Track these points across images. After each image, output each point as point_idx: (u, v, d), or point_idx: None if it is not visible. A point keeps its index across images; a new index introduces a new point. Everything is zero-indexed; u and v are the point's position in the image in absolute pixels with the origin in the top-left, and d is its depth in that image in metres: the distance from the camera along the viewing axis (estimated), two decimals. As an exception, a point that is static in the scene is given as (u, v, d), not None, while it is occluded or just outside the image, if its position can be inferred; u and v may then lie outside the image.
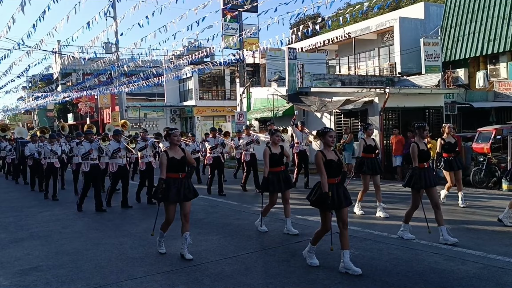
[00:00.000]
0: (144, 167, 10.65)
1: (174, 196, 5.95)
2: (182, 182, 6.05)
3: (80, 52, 16.84)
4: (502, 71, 21.74)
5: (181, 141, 10.72)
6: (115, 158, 10.07)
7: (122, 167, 10.17)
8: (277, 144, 7.21)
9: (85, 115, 38.60)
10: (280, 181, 7.14)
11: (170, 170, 6.00)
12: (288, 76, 18.22)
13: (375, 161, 8.60)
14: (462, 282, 4.75)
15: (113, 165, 10.13)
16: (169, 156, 6.04)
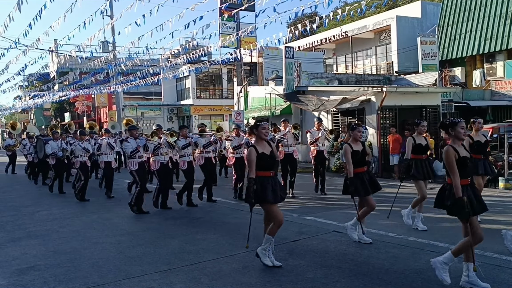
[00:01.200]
0: (185, 166, 9.80)
1: (272, 196, 5.33)
2: (275, 180, 5.46)
3: (77, 51, 16.79)
4: (498, 70, 21.80)
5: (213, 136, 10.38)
6: (157, 155, 9.44)
7: (164, 165, 9.52)
8: (358, 141, 6.32)
9: (82, 114, 38.51)
10: (365, 182, 6.25)
11: (261, 167, 5.31)
12: (285, 75, 18.23)
13: (426, 162, 7.31)
14: (459, 280, 4.76)
15: (155, 162, 9.44)
16: (259, 151, 5.33)
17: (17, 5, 10.49)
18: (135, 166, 9.32)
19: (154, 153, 9.35)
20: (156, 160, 9.41)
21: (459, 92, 19.89)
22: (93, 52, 18.33)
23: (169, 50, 23.13)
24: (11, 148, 19.91)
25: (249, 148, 5.42)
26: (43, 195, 12.89)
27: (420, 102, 15.57)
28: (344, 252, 5.95)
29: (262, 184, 5.27)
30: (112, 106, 32.79)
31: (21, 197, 12.67)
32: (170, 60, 21.64)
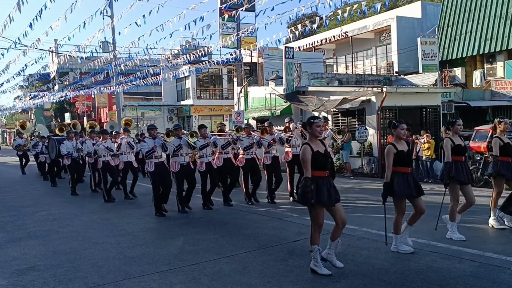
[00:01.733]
0: (203, 167, 9.32)
1: (327, 198, 5.02)
2: (329, 181, 5.14)
3: (77, 51, 16.79)
4: (499, 70, 21.80)
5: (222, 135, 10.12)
6: (176, 156, 8.94)
7: (184, 166, 8.99)
8: (401, 140, 5.87)
9: (82, 114, 38.54)
10: (410, 184, 5.74)
11: (315, 167, 5.02)
12: (285, 75, 18.23)
13: (465, 165, 6.63)
14: (459, 280, 4.77)
15: (175, 164, 8.95)
16: (313, 150, 5.05)
17: (17, 5, 10.49)
18: (151, 167, 8.88)
19: (173, 154, 8.90)
20: (175, 162, 8.94)
21: (459, 92, 19.88)
22: (93, 52, 18.32)
23: (169, 51, 23.13)
24: (21, 148, 19.61)
25: (303, 146, 5.11)
26: (43, 195, 12.90)
27: (420, 102, 15.57)
28: (344, 252, 5.94)
29: (318, 184, 4.98)
30: (113, 106, 32.82)
31: (21, 198, 12.67)
32: (170, 60, 21.65)
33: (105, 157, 11.16)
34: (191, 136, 8.97)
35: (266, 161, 10.03)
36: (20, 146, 19.67)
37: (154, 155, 8.89)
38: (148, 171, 8.95)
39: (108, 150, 11.13)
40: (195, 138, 8.97)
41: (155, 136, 9.03)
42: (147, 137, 9.15)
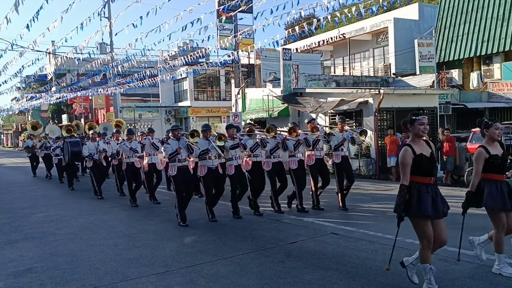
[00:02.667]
0: (232, 170, 8.54)
1: (432, 210, 4.31)
2: (435, 190, 4.44)
3: (74, 53, 16.78)
4: (496, 72, 21.87)
5: None
6: (204, 160, 8.20)
7: (213, 170, 8.22)
8: (495, 141, 5.02)
9: (79, 115, 38.49)
10: (504, 194, 4.91)
11: (418, 172, 4.38)
12: (283, 76, 18.25)
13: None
14: (456, 282, 4.77)
15: (202, 167, 8.21)
16: (416, 152, 4.38)
17: (14, 6, 10.47)
18: (174, 171, 8.14)
19: (200, 157, 8.14)
20: (203, 165, 8.21)
21: (457, 94, 19.94)
22: (90, 53, 18.32)
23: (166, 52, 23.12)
24: (30, 149, 19.05)
25: (404, 147, 4.44)
26: (40, 197, 12.87)
27: (418, 104, 15.60)
28: (342, 254, 5.94)
29: (419, 192, 4.34)
30: (110, 107, 32.76)
31: (18, 199, 12.64)
32: (168, 62, 21.65)
33: (130, 158, 10.62)
34: (219, 139, 8.06)
35: (292, 165, 9.06)
36: (29, 148, 19.12)
37: (178, 158, 8.13)
38: (170, 175, 8.24)
39: (132, 151, 10.55)
40: (223, 141, 8.10)
41: (179, 137, 8.27)
42: (171, 139, 8.41)
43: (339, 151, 9.27)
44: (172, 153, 8.12)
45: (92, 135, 12.61)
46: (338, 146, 9.22)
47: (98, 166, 12.18)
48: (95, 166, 12.15)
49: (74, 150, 13.53)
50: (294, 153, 9.02)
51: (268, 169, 8.96)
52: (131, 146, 10.57)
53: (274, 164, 8.99)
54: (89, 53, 18.20)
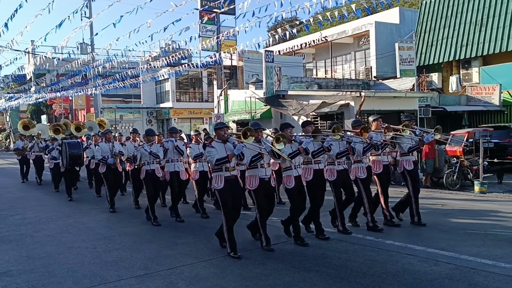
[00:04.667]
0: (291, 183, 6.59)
1: None
2: None
3: (53, 52, 16.52)
4: (474, 76, 22.27)
5: None
6: (255, 168, 6.33)
7: (266, 182, 6.38)
8: None
9: (59, 116, 37.93)
10: None
11: None
12: (265, 78, 18.26)
13: None
14: (434, 283, 4.83)
15: (252, 178, 6.34)
16: None
17: (-8, 5, 10.26)
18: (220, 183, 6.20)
19: (252, 164, 6.29)
20: (253, 175, 6.34)
21: (436, 97, 20.21)
22: (70, 53, 18.05)
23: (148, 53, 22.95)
24: (21, 152, 16.91)
25: None
26: (18, 199, 12.61)
27: (398, 106, 15.77)
28: (322, 255, 5.96)
29: None
30: (90, 108, 32.38)
31: (-5, 201, 12.36)
32: (150, 63, 21.48)
33: (150, 165, 8.60)
34: (277, 141, 6.04)
35: (359, 174, 7.42)
36: (19, 150, 16.92)
37: (226, 166, 6.19)
38: (216, 188, 6.24)
39: (153, 156, 8.61)
40: (281, 144, 6.02)
41: (226, 138, 6.32)
42: (216, 141, 6.38)
43: (409, 156, 7.80)
44: (221, 160, 6.11)
45: (107, 135, 10.66)
46: (413, 149, 7.78)
47: (112, 172, 10.33)
48: (109, 172, 10.30)
49: (73, 152, 11.64)
50: (361, 159, 7.46)
51: (333, 179, 7.16)
52: (151, 150, 8.61)
53: (339, 172, 7.19)
54: (68, 53, 17.92)
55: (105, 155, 10.29)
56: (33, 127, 17.99)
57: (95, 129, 16.70)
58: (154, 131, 9.26)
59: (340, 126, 7.22)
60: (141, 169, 8.71)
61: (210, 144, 6.41)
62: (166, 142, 9.05)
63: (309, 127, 7.07)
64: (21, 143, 17.23)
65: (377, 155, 7.66)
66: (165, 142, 9.07)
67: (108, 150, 10.35)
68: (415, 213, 7.67)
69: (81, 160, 12.11)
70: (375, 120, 7.96)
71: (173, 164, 9.22)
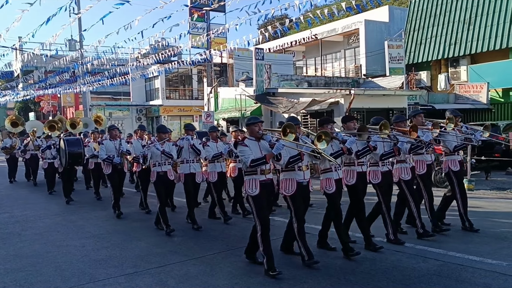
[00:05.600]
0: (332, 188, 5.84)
1: None
2: None
3: (41, 49, 16.33)
4: (462, 74, 22.45)
5: None
6: (292, 171, 5.46)
7: (304, 187, 5.55)
8: None
9: (47, 114, 37.60)
10: None
11: None
12: (255, 76, 18.26)
13: None
14: (423, 279, 4.86)
15: (289, 182, 5.47)
16: None
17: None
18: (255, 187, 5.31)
19: (289, 166, 5.42)
20: (289, 179, 5.46)
21: (425, 95, 20.36)
22: (58, 50, 17.84)
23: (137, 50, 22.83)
24: (9, 150, 15.73)
25: None
26: (4, 198, 12.48)
27: (387, 104, 15.87)
28: (312, 253, 5.97)
29: None
30: (79, 106, 32.14)
31: (-19, 199, 12.21)
32: (139, 60, 21.36)
33: (162, 166, 7.62)
34: (319, 139, 5.20)
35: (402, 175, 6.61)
36: (7, 149, 15.67)
37: (261, 168, 5.34)
38: (250, 194, 5.33)
39: (166, 155, 7.63)
40: (324, 142, 5.23)
41: (260, 135, 5.42)
42: (249, 138, 5.46)
43: (455, 155, 7.12)
44: (257, 160, 5.21)
45: (112, 132, 9.54)
46: (459, 148, 7.07)
47: (118, 173, 9.38)
48: (115, 173, 9.29)
49: (73, 151, 10.49)
50: (405, 158, 6.66)
51: (377, 182, 6.33)
52: (164, 149, 7.61)
53: (383, 174, 6.37)
54: (56, 49, 17.70)
55: (110, 154, 9.17)
56: (21, 124, 16.76)
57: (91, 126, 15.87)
58: (166, 127, 8.22)
59: (388, 123, 6.26)
60: (151, 171, 7.65)
61: (243, 142, 5.41)
62: (181, 140, 8.08)
63: (352, 123, 6.24)
64: (9, 141, 16.03)
65: (421, 153, 6.86)
66: (179, 140, 8.12)
67: (113, 148, 9.27)
68: (466, 218, 6.97)
69: (81, 158, 10.85)
70: (415, 115, 7.05)
71: (188, 165, 8.05)
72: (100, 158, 9.50)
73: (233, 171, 8.83)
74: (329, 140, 5.31)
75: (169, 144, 7.79)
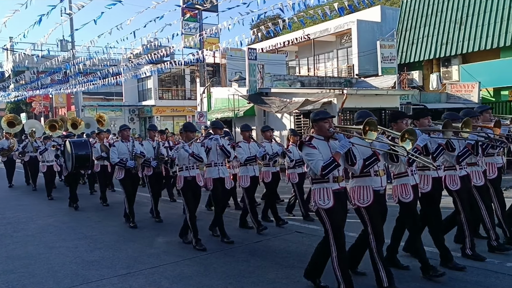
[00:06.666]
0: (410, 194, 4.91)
1: None
2: None
3: (33, 49, 16.22)
4: (454, 74, 22.58)
5: None
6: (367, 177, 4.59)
7: (381, 196, 4.71)
8: None
9: (39, 114, 37.36)
10: None
11: None
12: (248, 76, 18.25)
13: None
14: (416, 278, 4.89)
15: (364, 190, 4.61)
16: None
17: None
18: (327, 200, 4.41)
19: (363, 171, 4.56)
20: (364, 186, 4.57)
21: (417, 94, 20.45)
22: (50, 50, 17.74)
23: (130, 50, 22.73)
24: (6, 152, 14.59)
25: None
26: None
27: (380, 104, 15.93)
28: (305, 252, 5.98)
29: None
30: (71, 106, 31.97)
31: (-27, 201, 12.11)
32: (132, 60, 21.28)
33: (190, 170, 6.62)
34: (402, 139, 4.38)
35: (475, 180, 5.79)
36: (4, 151, 14.56)
37: (334, 175, 4.40)
38: (322, 207, 4.39)
39: (195, 158, 6.62)
40: (408, 142, 4.37)
41: (331, 134, 4.53)
42: (317, 137, 4.51)
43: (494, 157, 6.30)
44: (328, 165, 4.29)
45: (124, 132, 8.55)
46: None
47: (131, 178, 8.37)
48: (128, 178, 8.29)
49: (80, 153, 9.60)
50: (476, 161, 5.78)
51: (456, 188, 5.46)
52: (192, 151, 6.58)
53: (461, 178, 5.52)
54: (48, 49, 17.60)
55: (123, 157, 8.20)
56: (18, 123, 15.95)
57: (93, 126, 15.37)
58: (194, 125, 7.39)
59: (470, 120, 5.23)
60: (178, 176, 6.75)
61: (310, 143, 4.43)
62: (209, 140, 7.03)
63: (425, 119, 5.31)
64: (5, 142, 14.85)
65: (492, 155, 6.05)
66: (207, 140, 7.09)
67: (126, 150, 8.26)
68: None
69: (89, 162, 9.91)
70: (482, 111, 6.16)
71: (216, 169, 7.00)
72: (112, 162, 8.52)
73: (266, 176, 7.89)
74: (413, 139, 4.41)
75: (197, 145, 6.84)
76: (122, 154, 8.22)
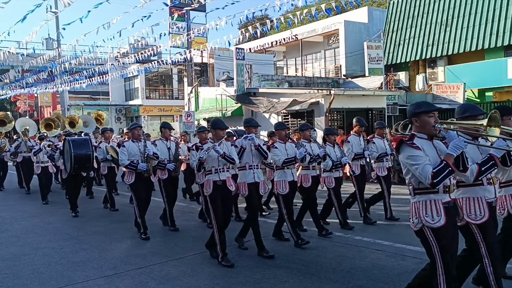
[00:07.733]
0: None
1: None
2: None
3: (18, 48, 16.02)
4: (439, 75, 22.82)
5: None
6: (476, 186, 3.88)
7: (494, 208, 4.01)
8: None
9: (24, 113, 36.92)
10: None
11: None
12: (236, 76, 18.23)
13: None
14: (402, 277, 4.93)
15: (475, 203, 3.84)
16: None
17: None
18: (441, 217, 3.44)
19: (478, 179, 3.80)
20: (474, 198, 3.87)
21: (403, 95, 20.63)
22: (35, 49, 17.54)
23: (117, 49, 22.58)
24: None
25: None
26: (-20, 199, 12.20)
27: (367, 104, 16.04)
28: (293, 252, 6.01)
29: None
30: (57, 105, 31.65)
31: (-44, 201, 11.91)
32: (119, 59, 21.13)
33: (219, 173, 5.81)
34: None
35: None
36: None
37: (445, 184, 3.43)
38: (430, 225, 3.41)
39: (227, 160, 5.81)
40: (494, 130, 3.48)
41: (437, 132, 3.56)
42: (418, 136, 3.56)
43: None
44: (440, 170, 3.31)
45: (134, 132, 7.55)
46: None
47: (144, 182, 7.45)
48: (140, 181, 7.36)
49: (79, 153, 8.94)
50: None
51: None
52: (223, 152, 5.75)
53: None
54: (33, 48, 17.41)
55: (134, 159, 7.31)
56: (9, 122, 14.84)
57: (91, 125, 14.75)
58: (224, 122, 6.13)
59: None
60: (205, 180, 5.84)
61: (412, 142, 3.49)
62: (243, 140, 6.20)
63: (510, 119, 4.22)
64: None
65: None
66: (241, 139, 6.28)
67: (137, 151, 7.36)
68: None
69: (90, 163, 9.18)
70: None
71: (251, 172, 6.26)
72: (121, 165, 7.55)
73: (306, 180, 7.01)
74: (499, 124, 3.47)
75: (227, 144, 6.02)
76: (132, 155, 7.32)
